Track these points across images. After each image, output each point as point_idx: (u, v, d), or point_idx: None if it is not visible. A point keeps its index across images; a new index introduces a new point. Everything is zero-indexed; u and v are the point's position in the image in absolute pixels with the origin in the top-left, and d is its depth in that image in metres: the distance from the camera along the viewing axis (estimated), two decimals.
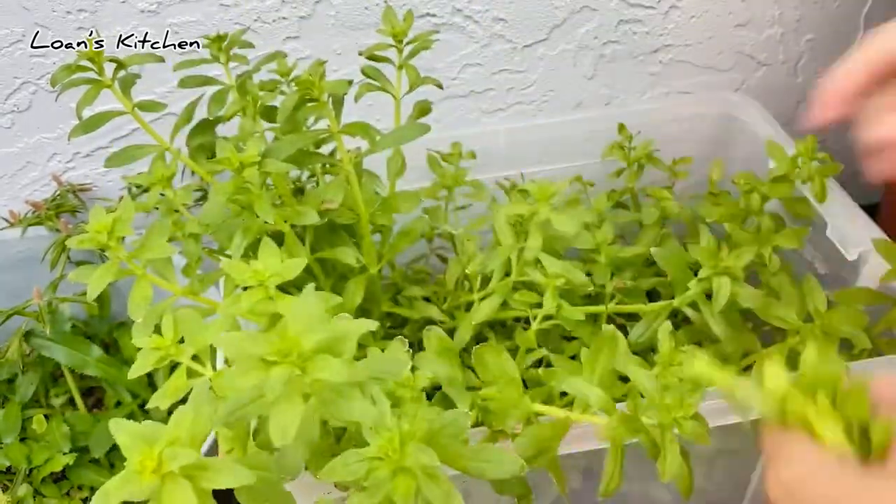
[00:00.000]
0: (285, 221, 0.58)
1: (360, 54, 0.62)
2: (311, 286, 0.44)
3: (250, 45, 0.67)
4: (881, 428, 0.36)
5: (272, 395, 0.38)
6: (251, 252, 0.54)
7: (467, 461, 0.46)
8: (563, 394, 0.59)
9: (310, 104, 0.58)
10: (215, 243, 0.63)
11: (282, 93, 0.68)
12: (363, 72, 0.64)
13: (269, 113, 0.66)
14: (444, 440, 0.44)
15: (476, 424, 0.55)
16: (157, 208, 0.61)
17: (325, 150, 0.66)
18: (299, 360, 0.39)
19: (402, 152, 0.68)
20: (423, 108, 0.67)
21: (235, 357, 0.40)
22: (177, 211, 0.63)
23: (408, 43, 0.65)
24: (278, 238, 0.59)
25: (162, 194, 0.60)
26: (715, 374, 0.41)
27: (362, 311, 0.63)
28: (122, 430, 0.40)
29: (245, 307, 0.45)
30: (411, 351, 0.54)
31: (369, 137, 0.59)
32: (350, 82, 0.60)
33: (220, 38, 0.65)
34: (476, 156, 0.79)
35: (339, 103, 0.60)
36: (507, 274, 0.72)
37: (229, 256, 0.56)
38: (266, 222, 0.56)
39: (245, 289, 0.48)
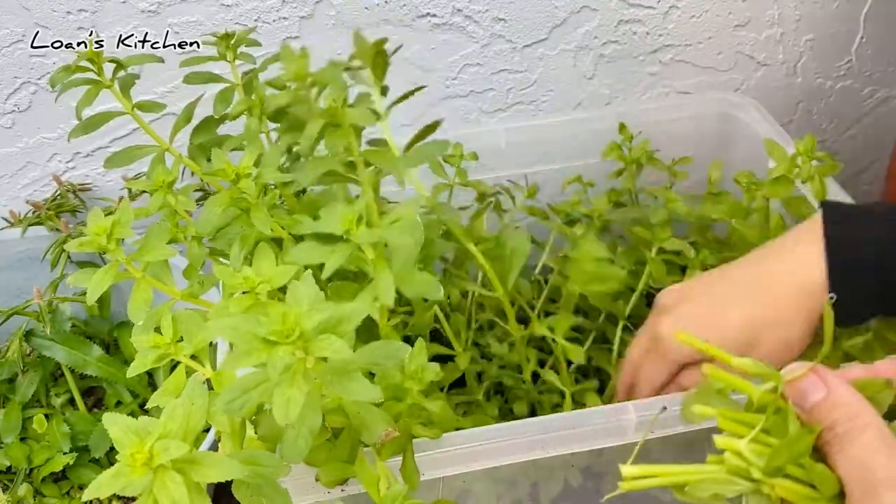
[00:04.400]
0: (283, 228, 0.58)
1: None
2: (309, 273, 0.44)
3: (257, 44, 0.67)
4: None
5: (275, 375, 0.39)
6: (250, 257, 0.54)
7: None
8: None
9: (332, 129, 0.57)
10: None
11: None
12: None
13: (275, 113, 0.66)
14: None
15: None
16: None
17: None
18: (301, 341, 0.39)
19: None
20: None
21: (237, 339, 0.40)
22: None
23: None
24: (280, 240, 0.59)
25: None
26: None
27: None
28: (114, 424, 0.40)
29: (234, 312, 0.45)
30: None
31: (393, 168, 0.57)
32: (377, 115, 0.57)
33: (227, 37, 0.65)
34: (478, 156, 0.79)
35: (358, 130, 0.59)
36: None
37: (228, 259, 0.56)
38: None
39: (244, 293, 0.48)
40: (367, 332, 0.60)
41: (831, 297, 0.43)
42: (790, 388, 0.38)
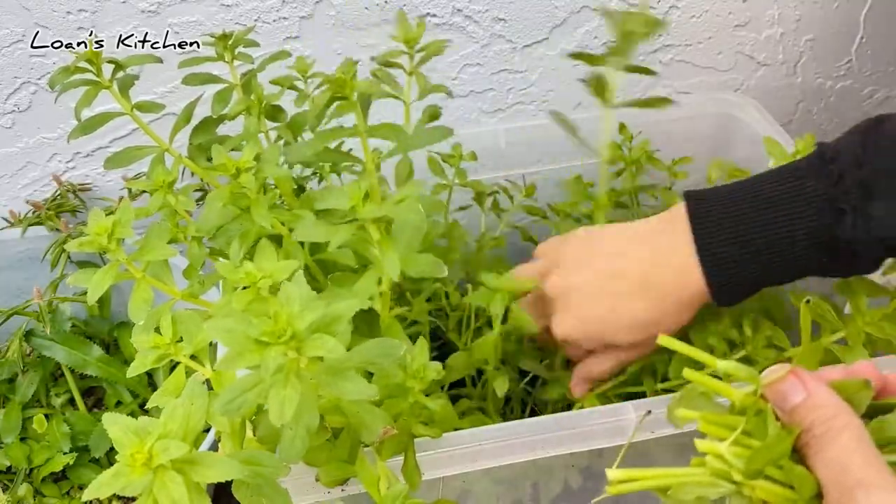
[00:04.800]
0: (283, 224, 0.58)
1: (373, 59, 0.62)
2: (300, 273, 0.44)
3: (255, 44, 0.67)
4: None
5: (267, 375, 0.39)
6: (250, 255, 0.54)
7: None
8: None
9: (339, 102, 0.58)
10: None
11: (297, 89, 0.67)
12: (373, 75, 0.64)
13: (274, 112, 0.66)
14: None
15: None
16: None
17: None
18: (294, 341, 0.39)
19: (409, 158, 0.67)
20: (433, 113, 0.66)
21: (230, 341, 0.40)
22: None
23: (419, 50, 0.64)
24: (279, 238, 0.59)
25: None
26: None
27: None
28: (114, 424, 0.40)
29: (237, 308, 0.45)
30: None
31: (399, 139, 0.58)
32: (380, 83, 0.59)
33: (225, 37, 0.65)
34: (477, 157, 0.79)
35: (366, 103, 0.59)
36: None
37: (228, 258, 0.56)
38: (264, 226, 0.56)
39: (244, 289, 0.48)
40: (368, 324, 0.60)
41: (807, 301, 0.43)
42: (770, 391, 0.38)
